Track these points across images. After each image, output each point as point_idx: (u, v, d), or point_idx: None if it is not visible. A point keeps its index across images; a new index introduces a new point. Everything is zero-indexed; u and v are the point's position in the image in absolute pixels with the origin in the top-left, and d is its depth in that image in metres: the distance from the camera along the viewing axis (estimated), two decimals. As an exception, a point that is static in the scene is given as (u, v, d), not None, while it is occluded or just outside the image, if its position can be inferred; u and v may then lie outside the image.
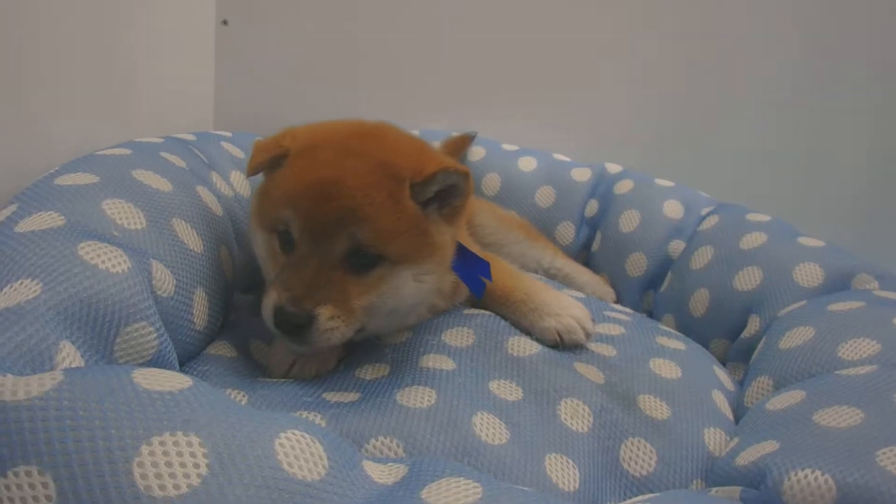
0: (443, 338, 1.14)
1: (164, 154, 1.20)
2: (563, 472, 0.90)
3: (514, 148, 2.03)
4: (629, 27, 2.05)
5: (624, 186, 1.83)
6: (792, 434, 0.85)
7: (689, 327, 1.52)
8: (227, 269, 1.15)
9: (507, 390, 1.02)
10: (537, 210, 1.91)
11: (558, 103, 2.14)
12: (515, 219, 1.80)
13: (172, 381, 0.65)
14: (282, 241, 0.99)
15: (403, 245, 0.97)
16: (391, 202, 0.95)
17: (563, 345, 1.15)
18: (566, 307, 1.17)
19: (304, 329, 0.91)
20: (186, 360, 1.00)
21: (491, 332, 1.16)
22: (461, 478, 0.65)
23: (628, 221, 1.75)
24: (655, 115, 2.07)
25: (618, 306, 1.54)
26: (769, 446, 0.85)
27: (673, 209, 1.73)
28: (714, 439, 1.03)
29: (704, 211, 1.72)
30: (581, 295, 1.56)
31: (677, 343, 1.28)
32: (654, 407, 1.05)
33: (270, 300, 0.93)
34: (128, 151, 1.14)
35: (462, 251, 1.12)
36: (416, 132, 2.02)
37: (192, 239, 1.04)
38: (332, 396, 0.97)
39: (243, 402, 0.92)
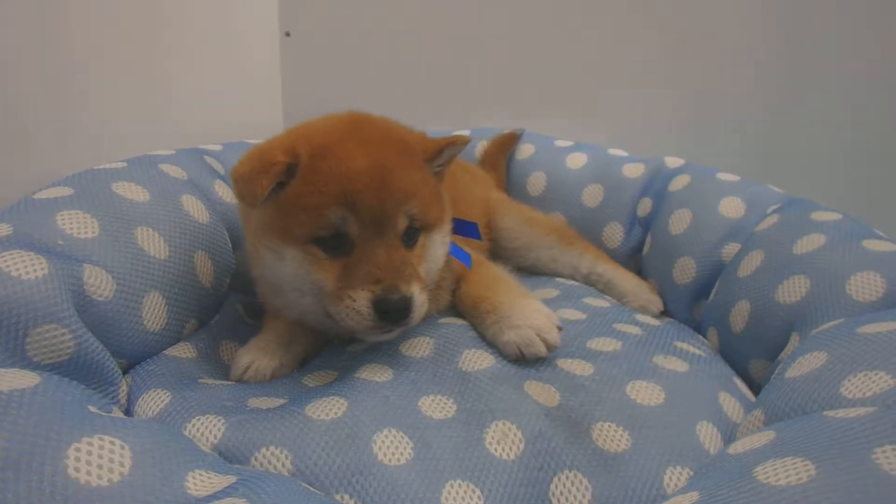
0: (399, 347, 1.09)
1: (162, 166, 1.29)
2: (464, 502, 0.82)
3: (566, 144, 1.90)
4: (701, 23, 1.85)
5: (679, 183, 1.62)
6: (725, 490, 0.70)
7: (728, 344, 1.31)
8: (203, 274, 1.20)
9: (438, 407, 0.95)
10: (584, 210, 1.77)
11: (621, 98, 1.98)
12: (547, 221, 1.68)
13: (13, 381, 0.68)
14: (327, 246, 0.98)
15: (435, 211, 1.07)
16: (421, 174, 1.04)
17: (524, 359, 1.05)
18: (528, 317, 1.06)
19: (407, 310, 0.95)
20: (140, 360, 1.05)
21: (450, 344, 1.09)
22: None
23: (678, 222, 1.55)
24: (729, 110, 1.86)
25: (643, 318, 1.37)
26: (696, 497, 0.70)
27: (731, 207, 1.50)
28: (678, 479, 0.87)
29: (770, 209, 1.47)
30: (605, 304, 1.42)
31: (678, 364, 1.11)
32: (611, 437, 0.92)
33: (361, 299, 0.94)
34: (122, 165, 1.23)
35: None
36: (466, 131, 1.98)
37: (155, 246, 1.10)
38: (256, 402, 0.97)
39: (164, 403, 0.95)
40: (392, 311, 0.95)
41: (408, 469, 0.83)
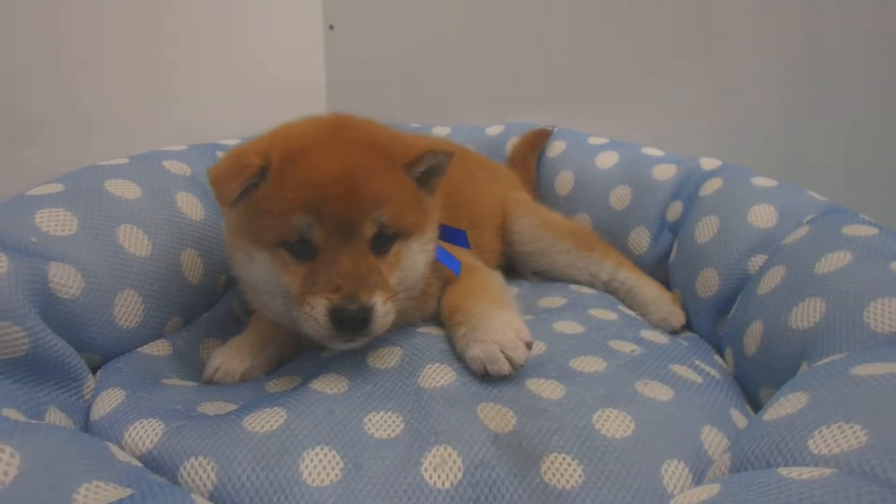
0: (367, 356, 1.06)
1: (166, 162, 1.32)
2: (382, 532, 0.78)
3: (600, 141, 1.79)
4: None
5: (711, 186, 1.49)
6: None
7: (741, 368, 1.19)
8: (191, 271, 1.22)
9: (384, 424, 0.91)
10: (611, 213, 1.66)
11: (666, 94, 1.84)
12: (565, 225, 1.58)
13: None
14: (295, 250, 0.98)
15: (411, 217, 1.03)
16: (396, 180, 1.01)
17: (488, 376, 0.99)
18: (495, 332, 0.99)
19: (367, 321, 0.93)
20: (114, 356, 1.09)
21: (417, 356, 1.05)
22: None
23: (705, 229, 1.42)
24: (776, 108, 1.68)
25: (650, 334, 1.26)
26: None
27: (763, 215, 1.35)
28: (627, 525, 0.79)
29: (806, 218, 1.32)
30: (612, 317, 1.32)
31: (661, 391, 1.01)
32: (562, 471, 0.85)
33: (319, 307, 0.92)
34: (124, 161, 1.27)
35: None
36: (500, 127, 1.92)
37: (136, 243, 1.13)
38: (206, 407, 0.97)
39: (116, 402, 0.97)
40: (348, 322, 0.92)
41: (330, 491, 0.80)
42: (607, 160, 1.71)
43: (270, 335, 1.14)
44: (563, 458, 0.86)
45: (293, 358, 1.16)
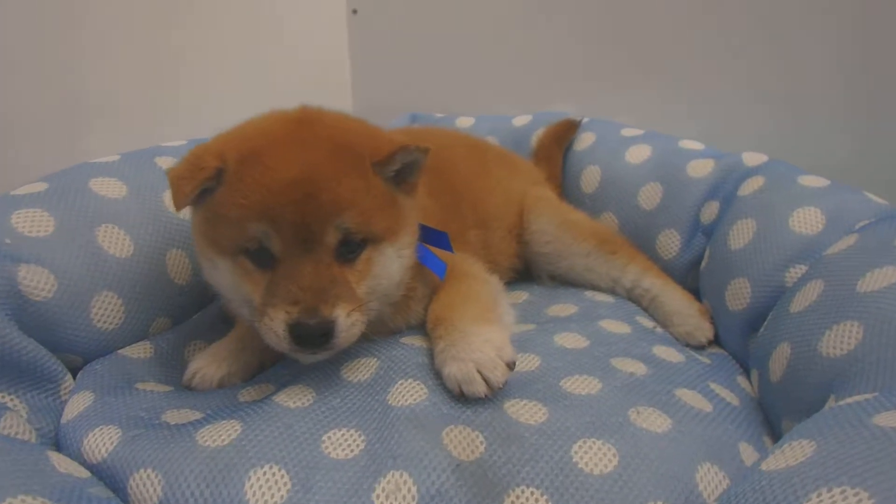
0: (341, 367, 1.00)
1: (159, 159, 1.29)
2: (318, 567, 0.72)
3: (633, 133, 1.65)
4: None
5: (751, 185, 1.33)
6: None
7: (766, 394, 1.05)
8: (177, 271, 1.20)
9: (343, 444, 0.85)
10: (639, 213, 1.53)
11: (713, 81, 1.68)
12: (587, 225, 1.46)
13: None
14: (255, 259, 0.92)
15: (382, 221, 0.95)
16: (363, 182, 0.93)
17: (464, 397, 0.90)
18: (474, 349, 0.91)
19: (328, 335, 0.87)
20: (95, 357, 1.07)
21: (392, 369, 0.97)
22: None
23: (740, 234, 1.28)
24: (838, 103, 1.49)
25: (663, 351, 1.14)
26: None
27: (807, 220, 1.20)
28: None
29: (859, 225, 1.15)
30: (624, 330, 1.20)
31: (657, 421, 0.89)
32: (526, 509, 0.76)
33: (277, 320, 0.87)
34: (115, 158, 1.26)
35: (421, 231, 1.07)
36: (527, 117, 1.81)
37: (116, 244, 1.11)
38: (170, 415, 0.94)
39: (83, 406, 0.95)
40: (308, 337, 0.87)
41: (270, 517, 0.75)
42: (638, 154, 1.58)
43: (250, 340, 1.09)
44: (531, 493, 0.77)
45: (274, 363, 1.11)
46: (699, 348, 1.28)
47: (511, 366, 0.91)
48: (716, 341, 1.30)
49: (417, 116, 2.02)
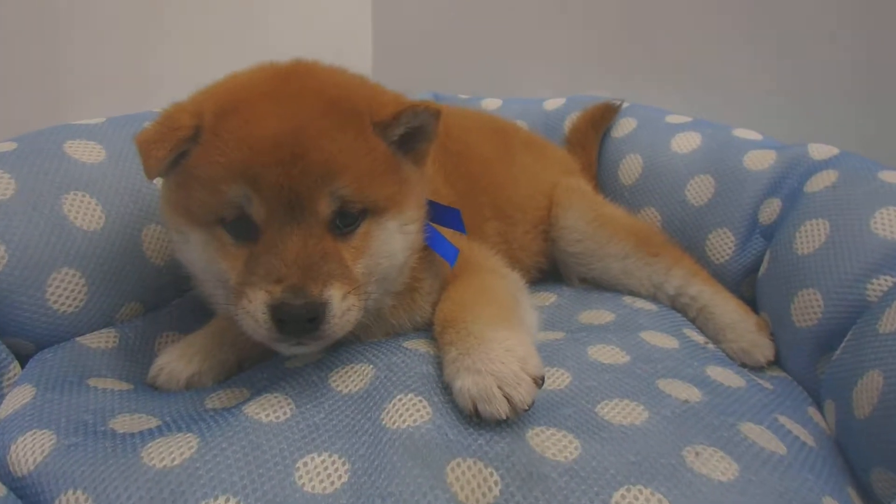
0: (330, 374, 0.83)
1: (146, 124, 1.13)
2: None
3: (680, 120, 1.46)
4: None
5: (821, 181, 1.14)
6: None
7: (847, 433, 0.86)
8: (154, 250, 1.04)
9: (320, 474, 0.68)
10: (687, 209, 1.34)
11: (762, 66, 1.48)
12: (627, 222, 1.28)
13: None
14: (234, 230, 0.79)
15: (383, 189, 0.81)
16: (361, 143, 0.79)
17: (478, 417, 0.73)
18: (494, 360, 0.73)
19: (317, 320, 0.73)
20: (50, 343, 0.93)
21: (390, 380, 0.80)
22: None
23: (809, 237, 1.08)
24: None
25: (721, 373, 0.95)
26: None
27: (892, 222, 1.00)
28: None
29: (962, 230, 0.96)
30: (671, 344, 1.02)
31: (722, 465, 0.70)
32: (551, 577, 0.58)
33: (257, 301, 0.73)
34: (99, 121, 1.11)
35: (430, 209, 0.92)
36: (560, 101, 1.63)
37: (85, 215, 0.97)
38: (119, 422, 0.78)
39: (22, 402, 0.80)
40: (291, 321, 0.72)
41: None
42: (686, 143, 1.38)
43: (229, 335, 0.93)
44: (558, 557, 0.59)
45: (255, 363, 0.95)
46: (756, 370, 1.10)
47: (539, 382, 0.74)
48: (776, 362, 1.11)
49: (440, 97, 1.85)
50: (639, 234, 1.25)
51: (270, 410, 0.76)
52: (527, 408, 0.72)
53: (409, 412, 0.74)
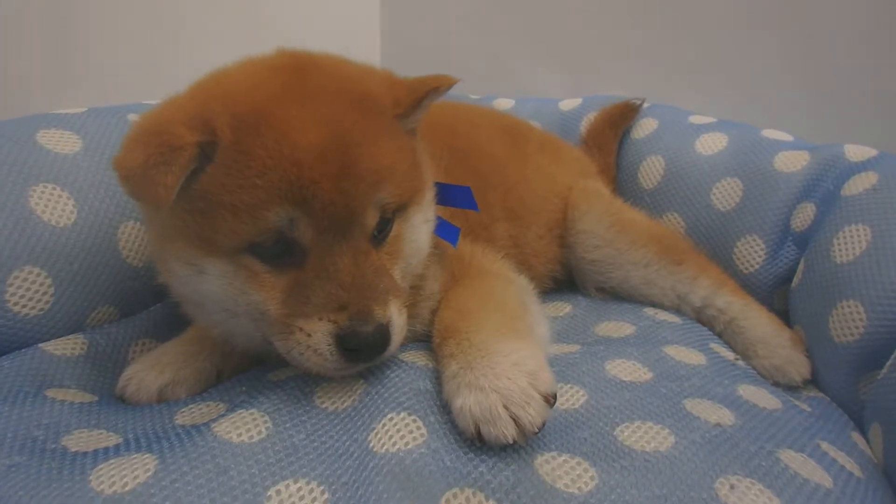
0: (314, 390, 0.74)
1: (133, 116, 1.07)
2: None
3: (705, 121, 1.37)
4: None
5: (860, 183, 1.04)
6: None
7: (899, 464, 0.76)
8: (130, 249, 0.97)
9: (297, 503, 0.59)
10: (713, 214, 1.24)
11: (796, 64, 1.38)
12: (648, 228, 1.18)
13: None
14: (270, 256, 0.70)
15: (412, 183, 0.76)
16: (394, 140, 0.74)
17: (481, 441, 0.63)
18: (499, 375, 0.64)
19: (385, 343, 0.70)
20: (11, 349, 0.84)
21: (382, 396, 0.71)
22: None
23: (848, 244, 0.98)
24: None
25: (755, 392, 0.85)
26: None
27: (947, 228, 0.90)
28: None
29: None
30: (697, 360, 0.92)
31: (762, 500, 0.61)
32: None
33: (320, 333, 0.67)
34: (79, 111, 1.04)
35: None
36: (576, 101, 1.54)
37: (54, 209, 0.89)
38: (72, 439, 0.69)
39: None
40: (364, 349, 0.68)
41: None
42: (712, 143, 1.29)
43: (208, 344, 0.85)
44: None
45: (234, 374, 0.86)
46: (790, 389, 1.00)
47: (550, 400, 0.64)
48: (812, 381, 1.01)
49: (449, 97, 1.76)
50: (662, 240, 1.15)
51: (244, 429, 0.67)
52: (537, 430, 0.63)
53: (401, 434, 0.64)
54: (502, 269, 0.92)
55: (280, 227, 0.67)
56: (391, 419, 0.66)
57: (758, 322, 1.08)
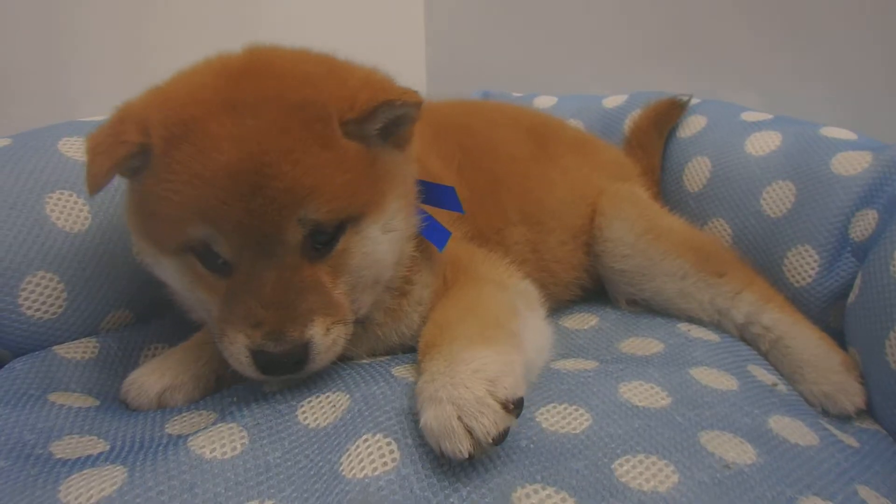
0: (299, 404, 0.72)
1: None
2: None
3: (758, 118, 1.26)
4: None
5: (933, 188, 0.92)
6: None
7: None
8: (146, 254, 0.96)
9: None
10: (762, 221, 1.14)
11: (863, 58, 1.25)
12: (686, 235, 1.10)
13: None
14: (205, 259, 0.72)
15: (359, 196, 0.72)
16: (330, 153, 0.70)
17: (445, 458, 0.60)
18: (457, 385, 0.61)
19: (301, 362, 0.70)
20: (25, 351, 0.87)
21: (362, 415, 0.68)
22: None
23: (914, 257, 0.87)
24: None
25: (786, 426, 0.76)
26: None
27: None
28: None
29: None
30: (728, 385, 0.84)
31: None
32: None
33: (238, 344, 0.69)
34: (105, 118, 1.05)
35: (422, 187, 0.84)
36: (621, 98, 1.46)
37: (70, 215, 0.91)
38: (63, 445, 0.70)
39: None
40: (275, 368, 0.69)
41: None
42: (764, 143, 1.18)
43: (208, 349, 0.85)
44: None
45: (237, 381, 0.85)
46: (842, 419, 0.89)
47: (511, 407, 0.60)
48: (867, 411, 0.90)
49: (490, 95, 1.72)
50: (700, 249, 1.06)
51: (218, 444, 0.65)
52: (491, 441, 0.58)
53: (372, 458, 0.61)
54: (500, 274, 0.88)
55: (203, 240, 0.69)
56: (365, 441, 0.63)
57: (807, 342, 0.98)
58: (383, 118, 0.72)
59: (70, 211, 0.91)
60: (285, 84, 0.71)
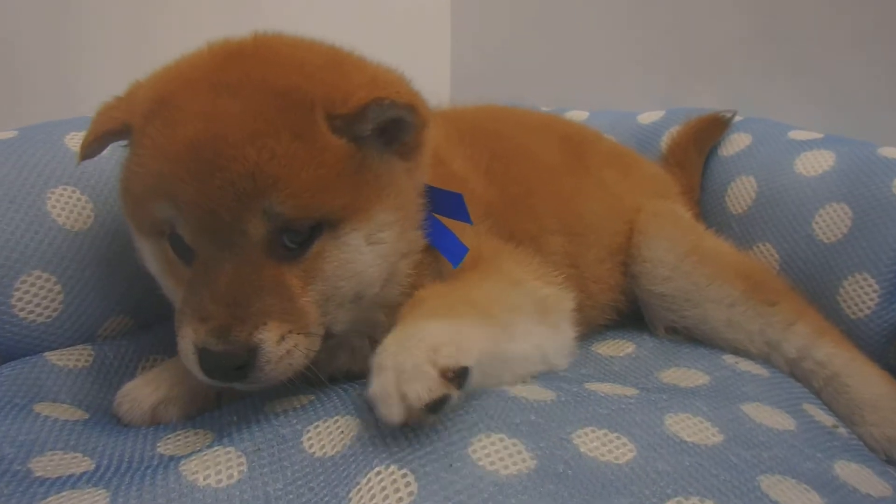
0: (305, 429, 0.65)
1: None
2: None
3: (808, 136, 1.19)
4: None
5: None
6: None
7: None
8: (150, 257, 0.90)
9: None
10: (815, 247, 1.06)
11: None
12: (733, 260, 1.03)
13: None
14: (176, 246, 0.69)
15: (338, 197, 0.67)
16: (304, 145, 0.65)
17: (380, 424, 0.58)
18: (400, 352, 0.58)
19: (247, 368, 0.63)
20: (16, 356, 0.80)
21: (374, 442, 0.60)
22: None
23: None
24: None
25: (851, 472, 0.67)
26: None
27: None
28: None
29: None
30: (784, 425, 0.75)
31: None
32: None
33: (186, 339, 0.64)
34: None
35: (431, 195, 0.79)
36: (658, 114, 1.39)
37: (72, 212, 0.86)
38: (43, 462, 0.64)
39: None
40: (217, 370, 0.63)
41: None
42: (816, 163, 1.10)
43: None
44: None
45: (236, 396, 0.79)
46: (906, 466, 0.80)
47: (451, 375, 0.57)
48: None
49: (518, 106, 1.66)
50: (750, 276, 0.98)
51: (213, 470, 0.58)
52: (423, 406, 0.54)
53: (385, 493, 0.53)
54: (523, 273, 0.81)
55: (168, 220, 0.66)
56: (378, 474, 0.55)
57: (867, 380, 0.89)
58: (374, 118, 0.67)
59: (73, 208, 0.85)
60: (273, 69, 0.68)
